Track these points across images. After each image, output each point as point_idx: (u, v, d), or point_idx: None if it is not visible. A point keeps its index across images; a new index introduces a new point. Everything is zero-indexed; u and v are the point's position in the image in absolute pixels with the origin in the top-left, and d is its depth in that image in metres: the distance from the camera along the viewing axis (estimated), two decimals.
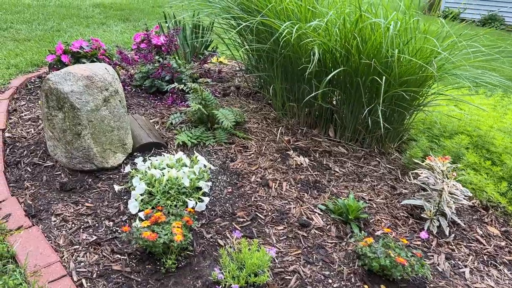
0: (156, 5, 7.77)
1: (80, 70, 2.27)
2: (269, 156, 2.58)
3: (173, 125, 2.76)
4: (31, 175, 2.24)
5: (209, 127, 2.74)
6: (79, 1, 7.08)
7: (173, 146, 2.55)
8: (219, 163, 2.45)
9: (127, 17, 6.53)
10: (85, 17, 6.08)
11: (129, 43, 5.16)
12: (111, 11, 6.74)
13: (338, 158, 2.67)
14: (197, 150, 2.54)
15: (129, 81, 3.47)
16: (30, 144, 2.51)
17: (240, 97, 3.44)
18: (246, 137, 2.71)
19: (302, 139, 2.83)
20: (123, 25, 6.11)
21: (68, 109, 2.18)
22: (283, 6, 2.60)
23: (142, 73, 3.35)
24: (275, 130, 2.88)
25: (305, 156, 2.64)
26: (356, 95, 2.63)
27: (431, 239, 2.06)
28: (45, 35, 4.88)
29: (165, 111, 3.02)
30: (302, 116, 2.94)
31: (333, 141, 2.84)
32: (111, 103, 2.32)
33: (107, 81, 2.31)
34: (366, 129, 2.77)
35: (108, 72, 2.36)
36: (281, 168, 2.48)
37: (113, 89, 2.34)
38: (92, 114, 2.24)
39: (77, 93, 2.19)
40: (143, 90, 3.35)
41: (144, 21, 6.52)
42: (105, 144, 2.30)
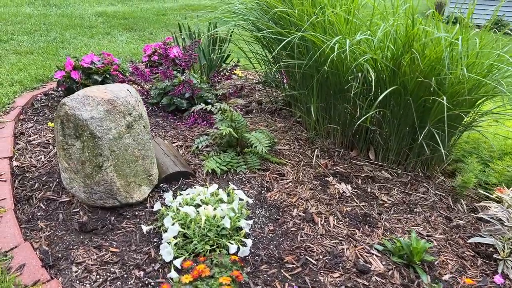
0: (160, 13, 7.52)
1: (100, 93, 2.01)
2: (308, 184, 2.32)
3: (199, 149, 2.50)
4: (45, 213, 1.96)
5: (238, 151, 2.47)
6: (81, 10, 6.82)
7: (202, 175, 2.28)
8: (254, 193, 2.18)
9: (131, 26, 6.28)
10: (88, 27, 5.82)
11: (136, 54, 4.90)
12: (114, 20, 6.49)
13: (382, 185, 2.42)
14: (228, 179, 2.28)
15: (145, 98, 3.21)
16: (42, 175, 2.24)
17: (264, 114, 3.18)
18: (280, 162, 2.45)
19: (340, 162, 2.57)
20: (128, 34, 5.86)
21: (88, 137, 1.92)
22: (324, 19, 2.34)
23: (159, 90, 3.08)
24: (309, 153, 2.62)
25: (346, 183, 2.38)
26: (403, 114, 2.38)
27: (508, 285, 1.80)
28: (48, 47, 4.62)
29: (187, 132, 2.75)
30: (338, 136, 2.68)
31: (374, 165, 2.58)
32: (135, 130, 2.06)
33: (130, 104, 2.05)
34: (411, 151, 2.51)
35: (130, 94, 2.09)
36: (323, 199, 2.21)
37: (136, 113, 2.07)
38: (115, 143, 1.97)
39: (98, 119, 1.92)
40: (161, 108, 3.08)
41: (149, 30, 6.27)
42: (129, 176, 2.03)
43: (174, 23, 6.97)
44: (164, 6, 8.22)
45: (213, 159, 2.36)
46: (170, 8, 8.11)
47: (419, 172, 2.59)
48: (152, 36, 6.07)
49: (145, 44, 4.32)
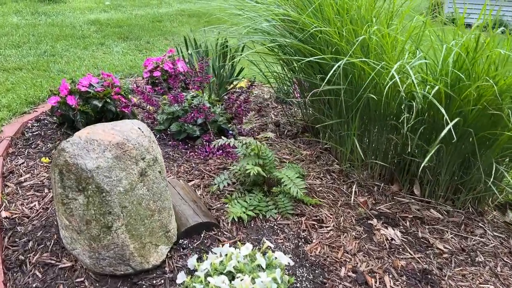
0: (155, 20, 7.15)
1: (107, 135, 1.65)
2: (351, 230, 1.98)
3: (220, 190, 2.15)
4: (43, 284, 1.60)
5: (265, 190, 2.13)
6: (72, 18, 6.43)
7: (226, 224, 1.93)
8: (290, 247, 1.84)
9: (126, 35, 5.90)
10: (81, 37, 5.43)
11: (134, 67, 4.53)
12: (108, 28, 6.11)
13: (434, 227, 2.09)
14: (257, 227, 1.93)
15: (150, 123, 2.85)
16: (36, 228, 1.88)
17: (285, 139, 2.84)
18: (316, 202, 2.11)
19: (381, 200, 2.23)
20: (124, 44, 5.49)
21: (93, 192, 1.56)
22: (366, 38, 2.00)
23: (167, 114, 2.73)
24: (345, 188, 2.29)
25: (393, 227, 2.05)
26: (457, 146, 2.05)
27: None
28: (38, 62, 4.23)
29: (203, 165, 2.40)
30: (376, 168, 2.35)
31: (420, 201, 2.25)
32: (149, 177, 1.71)
33: (143, 147, 1.70)
34: (463, 186, 2.18)
35: (143, 134, 1.74)
36: (372, 250, 1.88)
37: (151, 157, 1.72)
38: (126, 196, 1.62)
39: (105, 169, 1.57)
40: (169, 136, 2.72)
41: (146, 39, 5.90)
42: (144, 236, 1.67)
43: (171, 30, 6.61)
44: (159, 11, 7.85)
45: (238, 202, 2.02)
46: (165, 14, 7.73)
47: (469, 208, 2.26)
48: (149, 45, 5.71)
49: (146, 58, 3.96)
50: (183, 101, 2.59)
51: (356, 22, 2.04)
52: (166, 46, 5.81)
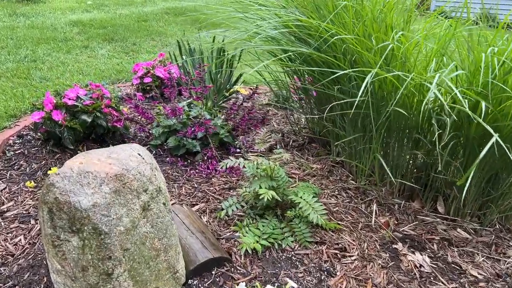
0: (140, 19, 6.86)
1: (103, 165, 1.42)
2: (377, 258, 1.79)
3: (228, 215, 1.94)
4: None
5: (279, 214, 1.93)
6: (53, 19, 6.11)
7: (239, 257, 1.72)
8: (313, 282, 1.64)
9: (111, 36, 5.62)
10: (63, 40, 5.14)
11: (122, 71, 4.28)
12: (92, 29, 5.81)
13: (463, 249, 1.91)
14: (273, 259, 1.73)
15: (145, 137, 2.61)
16: (23, 269, 1.64)
17: (291, 150, 2.63)
18: (335, 226, 1.91)
19: (404, 219, 2.05)
20: (109, 46, 5.21)
21: (90, 233, 1.34)
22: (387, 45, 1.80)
23: (162, 128, 2.50)
24: (363, 208, 2.10)
25: (421, 252, 1.87)
26: (488, 161, 1.87)
27: None
28: (19, 68, 3.95)
29: (206, 185, 2.18)
30: (396, 184, 2.16)
31: (444, 219, 2.07)
32: (152, 211, 1.49)
33: (145, 176, 1.48)
34: (492, 202, 2.01)
35: (143, 161, 1.52)
36: (401, 281, 1.69)
37: (154, 187, 1.50)
38: (128, 236, 1.40)
39: (103, 206, 1.35)
40: (166, 151, 2.50)
41: (132, 40, 5.63)
42: (149, 281, 1.46)
43: (158, 30, 6.34)
44: (144, 10, 7.55)
45: (250, 230, 1.81)
46: (150, 12, 7.44)
47: (497, 225, 2.10)
48: (136, 47, 5.44)
49: (135, 63, 3.71)
50: (182, 114, 2.36)
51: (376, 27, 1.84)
52: (154, 48, 5.55)
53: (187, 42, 3.35)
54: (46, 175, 2.24)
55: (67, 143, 2.37)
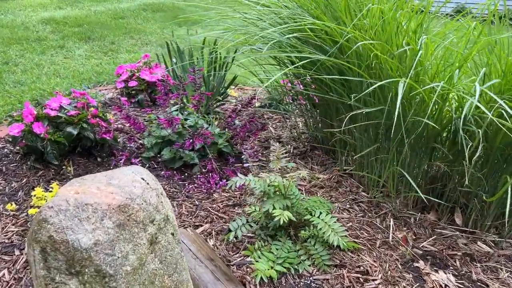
0: (117, 16, 6.57)
1: (103, 195, 1.24)
2: (401, 280, 1.66)
3: (237, 238, 1.77)
4: None
5: (292, 234, 1.77)
6: (24, 17, 5.76)
7: (254, 286, 1.56)
8: None
9: (88, 35, 5.34)
10: (36, 40, 4.83)
11: (103, 73, 4.04)
12: (66, 28, 5.51)
13: (486, 265, 1.80)
14: (291, 286, 1.57)
15: (135, 149, 2.41)
16: None
17: (293, 158, 2.48)
18: (353, 246, 1.77)
19: (421, 234, 1.92)
20: (86, 46, 4.94)
21: (92, 276, 1.15)
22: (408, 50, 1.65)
23: (156, 138, 2.30)
24: (378, 222, 1.96)
25: (444, 270, 1.75)
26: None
27: None
28: None
29: (208, 203, 2.01)
30: (411, 195, 2.04)
31: (463, 232, 1.96)
32: (161, 244, 1.31)
33: (151, 205, 1.30)
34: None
35: (148, 186, 1.34)
36: None
37: (161, 217, 1.33)
38: (135, 276, 1.22)
39: (106, 244, 1.16)
40: (161, 163, 2.31)
41: (109, 39, 5.36)
42: None
43: (136, 28, 6.07)
44: (120, 7, 7.25)
45: (263, 254, 1.65)
46: (127, 9, 7.14)
47: None
48: (115, 46, 5.18)
49: (118, 65, 3.48)
50: (178, 124, 2.17)
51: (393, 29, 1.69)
52: (134, 46, 5.30)
53: (175, 43, 3.14)
54: (29, 195, 2.02)
55: (50, 158, 2.15)
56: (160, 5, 7.75)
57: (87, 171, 2.23)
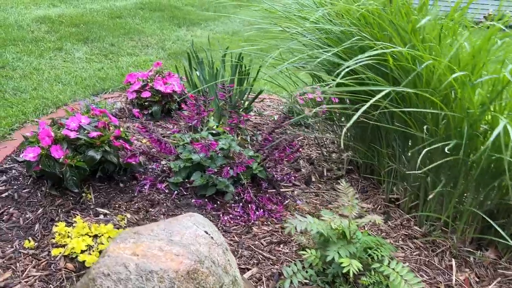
0: (114, 15, 6.29)
1: (168, 257, 1.04)
2: None
3: (293, 285, 1.58)
4: None
5: (351, 281, 1.59)
6: (17, 14, 5.44)
7: None
8: None
9: (85, 35, 5.06)
10: (33, 41, 4.54)
11: (106, 79, 3.80)
12: (62, 27, 5.22)
13: None
14: None
15: (159, 172, 2.20)
16: None
17: (327, 183, 2.30)
18: None
19: (483, 275, 1.77)
20: (86, 48, 4.67)
21: None
22: None
23: (184, 161, 2.10)
24: (437, 262, 1.80)
25: None
26: None
27: None
28: None
29: (249, 239, 1.81)
30: (470, 230, 1.88)
31: None
32: None
33: (219, 266, 1.11)
34: None
35: (213, 242, 1.15)
36: None
37: (230, 279, 1.14)
38: None
39: None
40: (190, 190, 2.10)
41: (109, 40, 5.10)
42: None
43: (135, 28, 5.81)
44: (115, 5, 6.95)
45: None
46: (123, 7, 6.86)
47: None
48: (115, 48, 4.92)
49: (128, 73, 3.25)
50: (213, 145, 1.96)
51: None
52: (134, 49, 5.05)
53: (194, 52, 2.93)
54: (47, 229, 1.80)
55: (70, 186, 1.92)
56: (156, 3, 7.48)
57: (109, 198, 2.01)
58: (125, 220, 1.87)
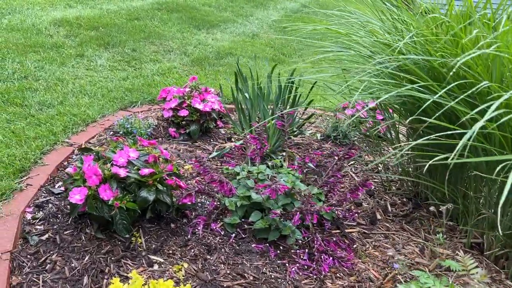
0: (132, 17, 6.06)
1: None
2: None
3: None
4: None
5: None
6: (33, 17, 5.22)
7: None
8: None
9: (106, 40, 4.85)
10: (53, 47, 4.32)
11: (133, 90, 3.60)
12: (81, 31, 5.00)
13: None
14: None
15: (212, 208, 1.98)
16: None
17: (395, 221, 2.09)
18: None
19: None
20: (107, 54, 4.46)
21: None
22: None
23: (241, 199, 1.89)
24: None
25: None
26: None
27: None
28: (9, 90, 3.17)
29: None
30: None
31: None
32: None
33: None
34: None
35: None
36: None
37: None
38: None
39: None
40: (248, 233, 1.89)
41: (130, 45, 4.89)
42: None
43: (155, 31, 5.59)
44: (132, 6, 6.72)
45: None
46: (140, 8, 6.63)
47: None
48: (137, 54, 4.70)
49: (162, 89, 3.04)
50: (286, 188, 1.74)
51: None
52: (156, 54, 4.83)
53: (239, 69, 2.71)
54: (97, 282, 1.59)
55: (119, 231, 1.71)
56: (173, 3, 7.25)
57: (161, 242, 1.80)
58: (182, 271, 1.67)
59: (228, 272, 1.67)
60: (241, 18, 7.39)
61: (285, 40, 6.65)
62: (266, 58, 5.44)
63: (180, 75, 4.35)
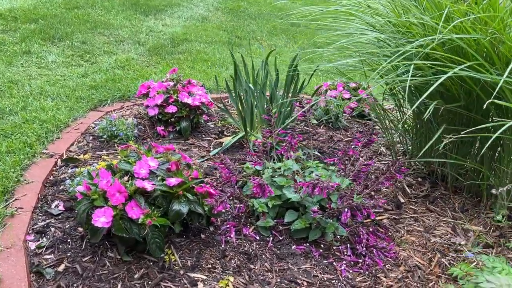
0: (70, 6, 5.55)
1: None
2: None
3: None
4: None
5: None
6: None
7: None
8: None
9: (50, 33, 4.40)
10: None
11: (97, 87, 3.32)
12: (19, 25, 4.49)
13: None
14: None
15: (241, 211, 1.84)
16: None
17: (421, 202, 2.07)
18: None
19: None
20: (56, 49, 4.06)
21: None
22: None
23: (272, 199, 1.76)
24: None
25: None
26: None
27: None
28: None
29: None
30: None
31: None
32: None
33: None
34: None
35: None
36: None
37: None
38: None
39: None
40: (282, 232, 1.77)
41: (77, 37, 4.48)
42: None
43: (100, 20, 5.17)
44: None
45: None
46: None
47: None
48: (87, 46, 4.31)
49: (141, 84, 2.79)
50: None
51: None
52: (109, 46, 4.46)
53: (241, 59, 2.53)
54: None
55: (153, 251, 1.53)
56: None
57: (196, 256, 1.63)
58: (230, 285, 1.52)
59: (278, 280, 1.55)
60: (185, 1, 7.04)
61: (235, 22, 6.46)
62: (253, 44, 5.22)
63: (141, 66, 4.06)
